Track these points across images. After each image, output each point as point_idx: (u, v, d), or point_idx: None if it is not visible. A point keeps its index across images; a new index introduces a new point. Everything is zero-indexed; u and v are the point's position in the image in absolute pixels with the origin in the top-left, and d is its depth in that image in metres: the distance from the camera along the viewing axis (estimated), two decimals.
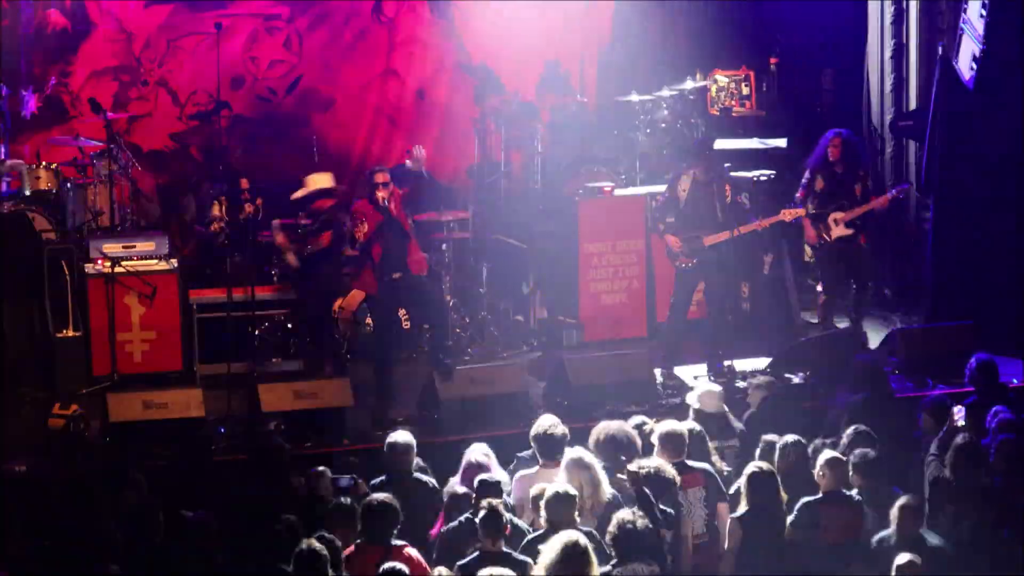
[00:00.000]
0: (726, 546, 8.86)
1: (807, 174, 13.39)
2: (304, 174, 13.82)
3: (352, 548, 8.25)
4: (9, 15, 14.45)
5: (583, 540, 7.62)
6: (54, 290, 12.71)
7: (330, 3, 15.61)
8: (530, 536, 8.32)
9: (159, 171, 15.08)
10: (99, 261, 12.65)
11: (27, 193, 13.50)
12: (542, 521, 8.28)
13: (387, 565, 7.69)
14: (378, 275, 11.83)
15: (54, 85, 14.84)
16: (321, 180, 13.20)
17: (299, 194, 13.12)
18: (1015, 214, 13.65)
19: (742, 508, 8.80)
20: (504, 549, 8.11)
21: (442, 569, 8.11)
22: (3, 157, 13.95)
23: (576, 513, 8.28)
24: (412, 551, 8.30)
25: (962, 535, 8.67)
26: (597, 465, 8.78)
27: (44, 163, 13.77)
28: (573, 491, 8.32)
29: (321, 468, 9.47)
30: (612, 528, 7.97)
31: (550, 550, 7.61)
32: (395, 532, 8.28)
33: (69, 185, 13.73)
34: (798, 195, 13.36)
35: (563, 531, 7.82)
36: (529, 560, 7.98)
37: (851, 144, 13.41)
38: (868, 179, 13.61)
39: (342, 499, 8.74)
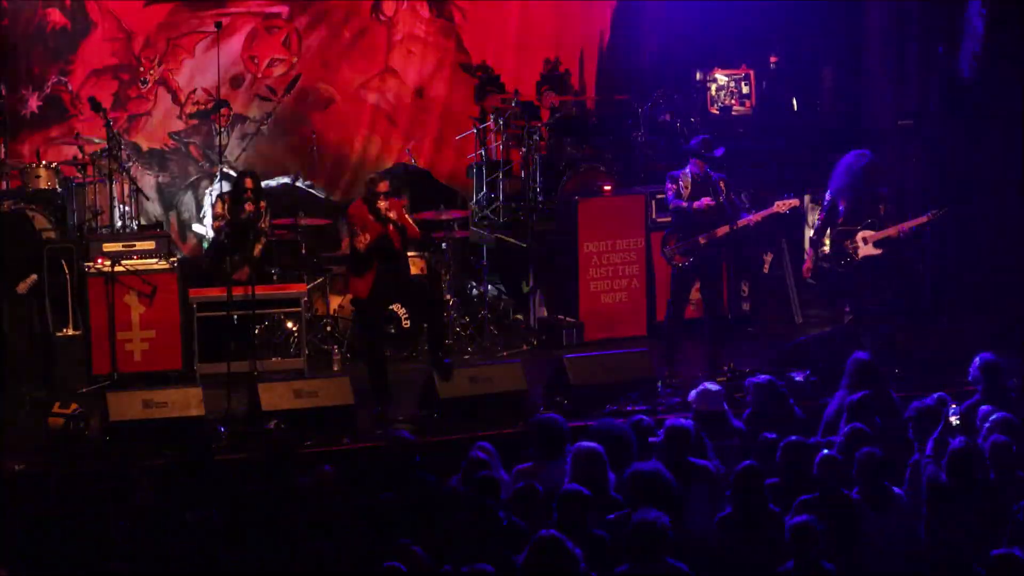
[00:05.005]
0: None
1: (828, 196, 12.78)
2: (304, 173, 13.84)
3: None
4: (9, 15, 14.46)
5: None
6: (54, 290, 12.71)
7: (329, 2, 15.61)
8: None
9: (159, 170, 15.08)
10: (99, 260, 12.65)
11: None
12: None
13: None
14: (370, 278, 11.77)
15: (54, 84, 14.84)
16: None
17: None
18: (1015, 214, 13.65)
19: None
20: None
21: None
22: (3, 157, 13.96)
23: None
24: None
25: None
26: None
27: (44, 162, 13.77)
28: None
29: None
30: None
31: None
32: None
33: (70, 184, 13.74)
34: (819, 219, 12.85)
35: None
36: None
37: (878, 165, 12.97)
38: (887, 198, 13.20)
39: None
